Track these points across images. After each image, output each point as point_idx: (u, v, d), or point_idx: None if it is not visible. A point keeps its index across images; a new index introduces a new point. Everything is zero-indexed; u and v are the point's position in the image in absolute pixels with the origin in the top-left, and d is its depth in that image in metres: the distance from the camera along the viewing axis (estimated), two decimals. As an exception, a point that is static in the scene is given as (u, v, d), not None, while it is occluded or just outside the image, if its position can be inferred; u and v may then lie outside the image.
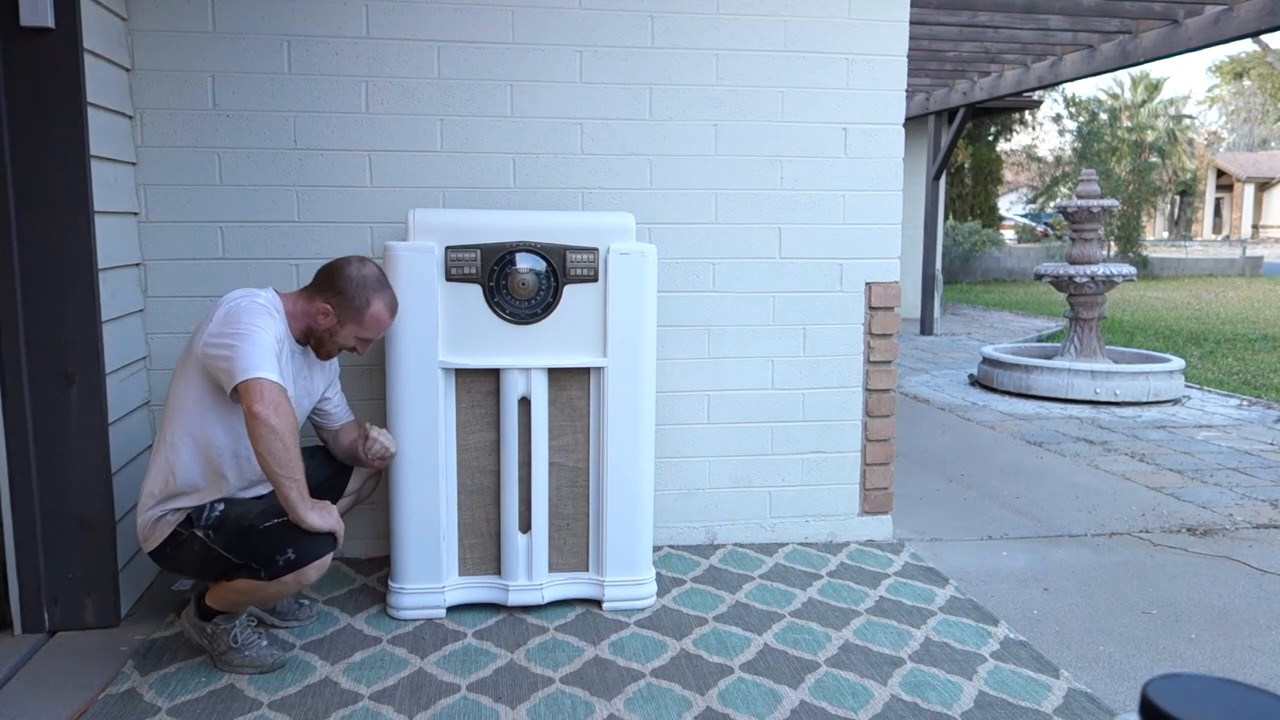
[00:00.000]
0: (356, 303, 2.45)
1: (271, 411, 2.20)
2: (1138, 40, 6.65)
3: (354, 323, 2.47)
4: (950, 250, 17.78)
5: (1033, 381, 6.61)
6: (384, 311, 2.50)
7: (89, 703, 2.29)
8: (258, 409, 2.19)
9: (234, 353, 2.24)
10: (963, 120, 9.70)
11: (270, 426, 2.19)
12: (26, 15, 2.43)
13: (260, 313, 2.34)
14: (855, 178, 3.36)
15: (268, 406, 2.20)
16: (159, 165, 3.00)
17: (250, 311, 2.32)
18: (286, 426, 2.22)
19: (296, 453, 2.26)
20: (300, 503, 2.28)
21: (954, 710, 2.30)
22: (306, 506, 2.29)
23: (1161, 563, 3.39)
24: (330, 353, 2.55)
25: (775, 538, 3.48)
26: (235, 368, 2.23)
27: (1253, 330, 10.88)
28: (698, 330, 3.34)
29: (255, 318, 2.31)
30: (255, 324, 2.30)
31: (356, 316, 2.46)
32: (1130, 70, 22.76)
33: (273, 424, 2.20)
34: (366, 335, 2.51)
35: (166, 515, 2.37)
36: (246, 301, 2.35)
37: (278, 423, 2.20)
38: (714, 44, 3.22)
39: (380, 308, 2.48)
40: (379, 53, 3.06)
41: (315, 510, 2.31)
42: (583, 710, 2.28)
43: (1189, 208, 34.62)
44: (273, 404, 2.21)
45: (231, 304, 2.35)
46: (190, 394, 2.35)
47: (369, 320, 2.47)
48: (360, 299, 2.45)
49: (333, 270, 2.47)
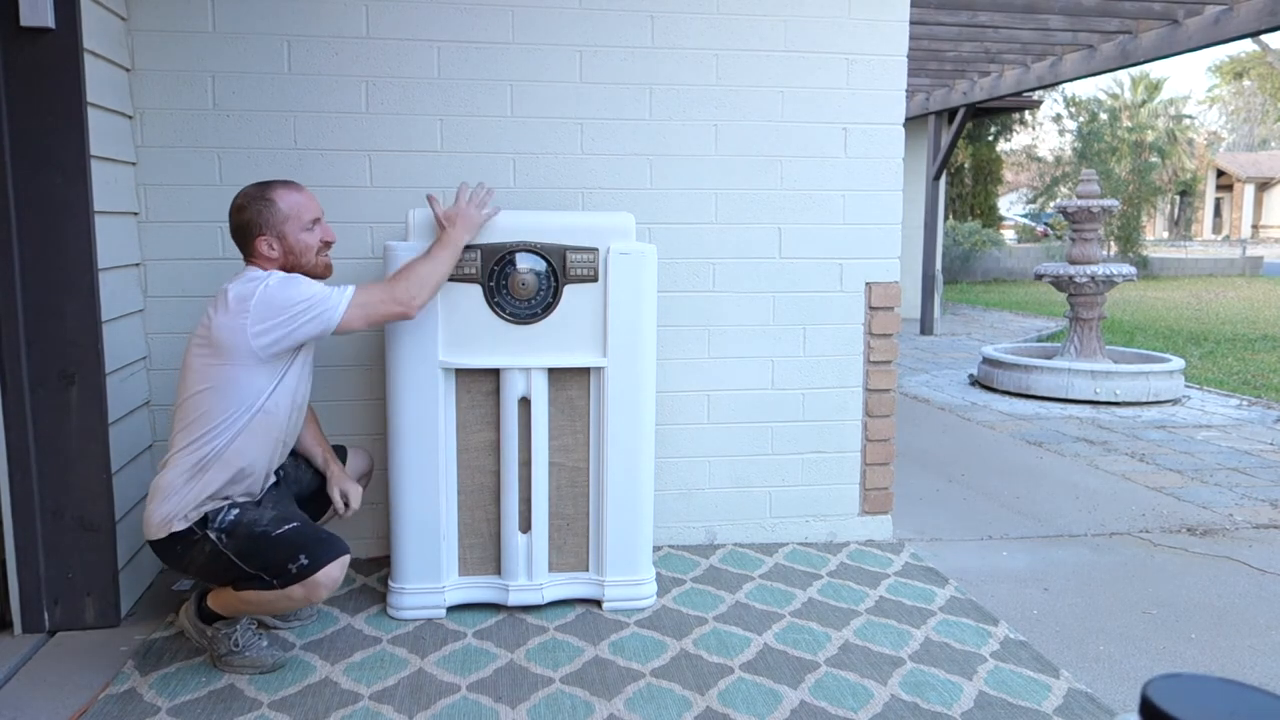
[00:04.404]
0: (267, 213, 2.41)
1: (391, 301, 2.43)
2: (1138, 40, 6.65)
3: (285, 224, 2.42)
4: (950, 250, 17.78)
5: (1033, 381, 6.61)
6: (288, 192, 2.46)
7: (89, 703, 2.29)
8: (393, 309, 2.44)
9: (307, 308, 2.32)
10: (963, 120, 9.70)
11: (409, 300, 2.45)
12: (26, 15, 2.43)
13: (285, 280, 2.36)
14: (855, 178, 3.36)
15: (390, 302, 2.43)
16: (159, 165, 3.00)
17: (281, 284, 2.34)
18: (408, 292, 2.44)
19: (429, 272, 2.49)
20: (450, 244, 2.55)
21: (954, 710, 2.30)
22: (453, 241, 2.55)
23: (1161, 563, 3.39)
24: (328, 266, 2.53)
25: (775, 538, 3.48)
26: (323, 317, 2.34)
27: (1253, 330, 10.88)
28: (698, 330, 3.34)
29: (289, 288, 2.34)
30: (293, 285, 2.35)
31: (281, 218, 2.42)
32: (1130, 70, 22.76)
33: (405, 299, 2.44)
34: (305, 219, 2.45)
35: (183, 509, 2.30)
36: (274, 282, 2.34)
37: (405, 295, 2.44)
38: (714, 44, 3.22)
39: (282, 192, 2.44)
40: (379, 53, 3.06)
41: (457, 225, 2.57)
42: (583, 710, 2.28)
43: (1189, 208, 34.62)
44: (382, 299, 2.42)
45: (259, 286, 2.32)
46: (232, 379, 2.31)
47: (289, 210, 2.43)
48: (268, 209, 2.41)
49: (239, 225, 2.44)
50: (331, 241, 2.55)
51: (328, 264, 2.54)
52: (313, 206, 2.50)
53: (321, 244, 2.51)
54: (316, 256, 2.49)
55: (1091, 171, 7.23)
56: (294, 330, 2.33)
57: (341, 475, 2.69)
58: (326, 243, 2.52)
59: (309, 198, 2.50)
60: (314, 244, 2.48)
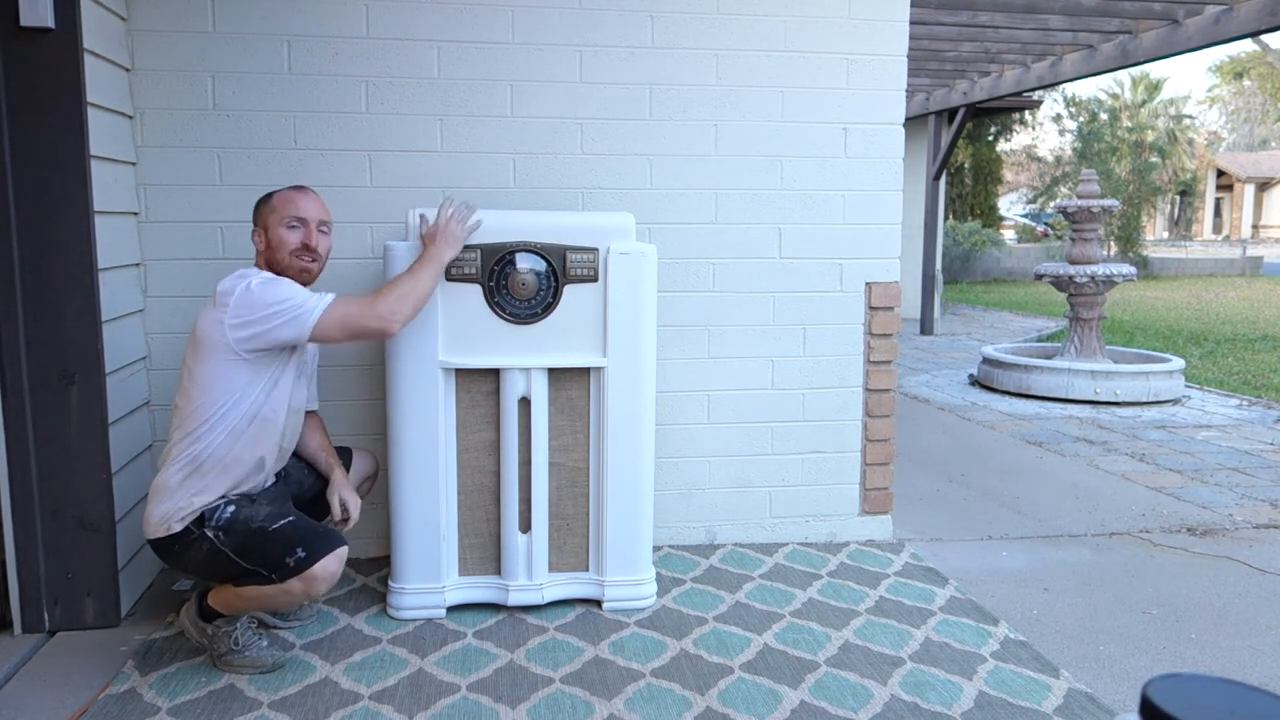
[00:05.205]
0: (263, 207, 2.52)
1: (371, 317, 2.39)
2: (1138, 40, 6.65)
3: (270, 216, 2.47)
4: (950, 250, 17.78)
5: (1033, 381, 6.61)
6: (289, 190, 2.52)
7: (89, 703, 2.29)
8: (373, 324, 2.40)
9: (282, 310, 2.32)
10: (963, 120, 9.70)
11: (390, 316, 2.40)
12: (26, 15, 2.43)
13: (269, 280, 2.38)
14: (855, 178, 3.36)
15: (371, 317, 2.39)
16: (159, 165, 3.00)
17: (261, 283, 2.35)
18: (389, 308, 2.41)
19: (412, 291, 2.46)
20: (433, 261, 2.52)
21: (954, 710, 2.30)
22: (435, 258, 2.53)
23: (1161, 563, 3.39)
24: (303, 271, 2.49)
25: (775, 538, 3.48)
26: (297, 321, 2.32)
27: (1253, 330, 10.88)
28: (698, 330, 3.34)
29: (270, 288, 2.35)
30: (274, 286, 2.36)
31: (268, 210, 2.49)
32: (1130, 70, 22.76)
33: (387, 315, 2.40)
34: (287, 215, 2.46)
35: (179, 510, 2.32)
36: (255, 279, 2.36)
37: (386, 311, 2.40)
38: (714, 44, 3.22)
39: (284, 191, 2.52)
40: (379, 53, 3.06)
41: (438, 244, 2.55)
42: (583, 710, 2.28)
43: (1189, 208, 34.62)
44: (361, 312, 2.38)
45: (242, 283, 2.34)
46: (212, 373, 2.33)
47: (278, 203, 2.48)
48: (264, 203, 2.52)
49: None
50: (312, 247, 2.48)
51: (302, 268, 2.47)
52: (304, 207, 2.48)
53: (301, 246, 2.47)
54: (291, 256, 2.46)
55: (1091, 171, 7.23)
56: (269, 330, 2.32)
57: (344, 483, 2.66)
58: (306, 246, 2.47)
59: (304, 200, 2.50)
60: (291, 242, 2.46)
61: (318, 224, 2.51)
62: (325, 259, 2.55)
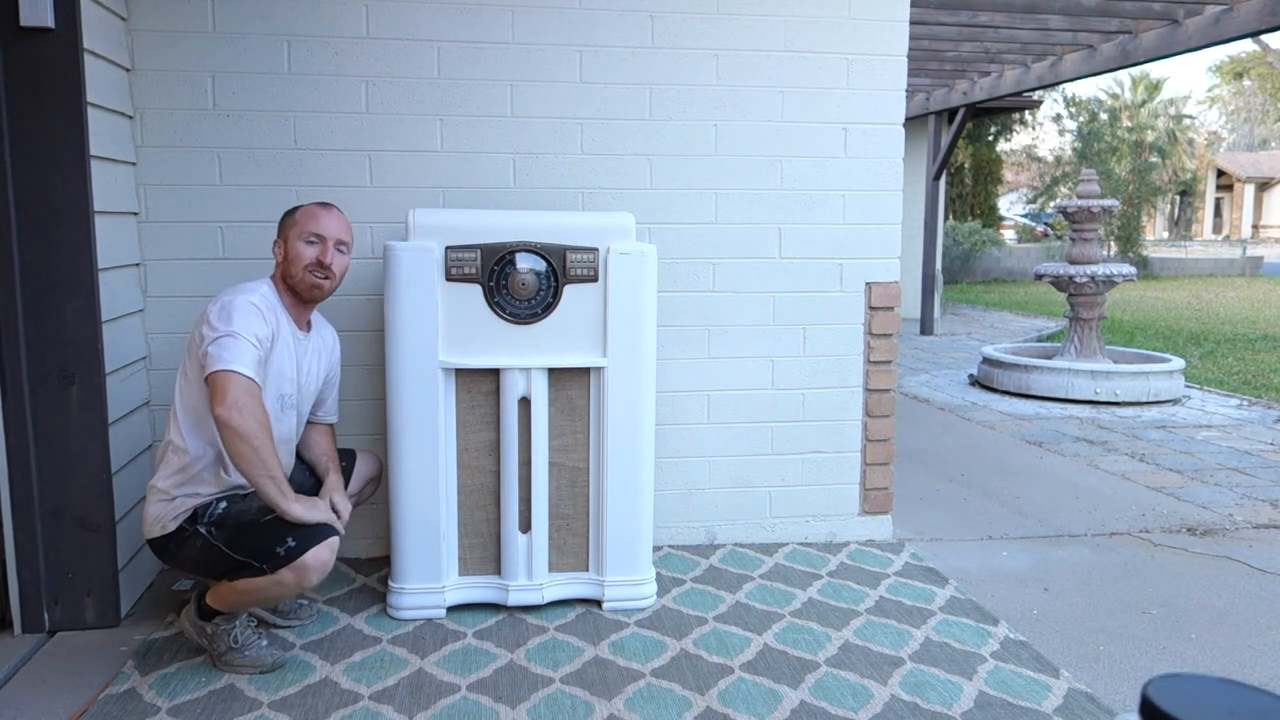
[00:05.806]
0: (286, 219, 2.55)
1: (233, 413, 2.22)
2: (1138, 40, 6.65)
3: (290, 229, 2.50)
4: (950, 250, 17.78)
5: (1033, 381, 6.61)
6: (313, 206, 2.56)
7: (89, 703, 2.29)
8: (218, 412, 2.22)
9: (213, 346, 2.28)
10: (963, 120, 9.70)
11: (232, 429, 2.22)
12: (26, 15, 2.43)
13: (248, 311, 2.35)
14: (855, 178, 3.36)
15: (228, 408, 2.22)
16: (159, 165, 3.00)
17: (237, 309, 2.34)
18: (250, 425, 2.23)
19: (266, 449, 2.26)
20: (280, 497, 2.30)
21: (954, 710, 2.30)
22: (289, 500, 2.31)
23: (1161, 563, 3.39)
24: (313, 287, 2.49)
25: (775, 538, 3.48)
26: (209, 362, 2.28)
27: (1253, 330, 10.88)
28: (698, 330, 3.34)
29: (239, 315, 2.33)
30: (237, 320, 2.31)
31: (290, 223, 2.52)
32: (1130, 70, 22.77)
33: (235, 425, 2.22)
34: (306, 230, 2.48)
35: (173, 510, 2.38)
36: (241, 299, 2.37)
37: (240, 423, 2.22)
38: (714, 44, 3.22)
39: (309, 206, 2.55)
40: (379, 53, 3.06)
41: (299, 503, 2.33)
42: (583, 710, 2.28)
43: (1189, 208, 34.62)
44: (233, 404, 2.22)
45: (225, 299, 2.37)
46: (191, 389, 2.39)
47: (300, 218, 2.51)
48: (288, 216, 2.55)
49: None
50: (326, 264, 2.48)
51: (313, 284, 2.48)
52: (325, 224, 2.51)
53: (315, 262, 2.47)
54: (304, 271, 2.48)
55: (1091, 171, 7.23)
56: (205, 342, 2.32)
57: (337, 486, 2.65)
58: (320, 263, 2.48)
59: (326, 217, 2.52)
60: (306, 257, 2.48)
61: (335, 242, 2.52)
62: (340, 278, 2.56)
